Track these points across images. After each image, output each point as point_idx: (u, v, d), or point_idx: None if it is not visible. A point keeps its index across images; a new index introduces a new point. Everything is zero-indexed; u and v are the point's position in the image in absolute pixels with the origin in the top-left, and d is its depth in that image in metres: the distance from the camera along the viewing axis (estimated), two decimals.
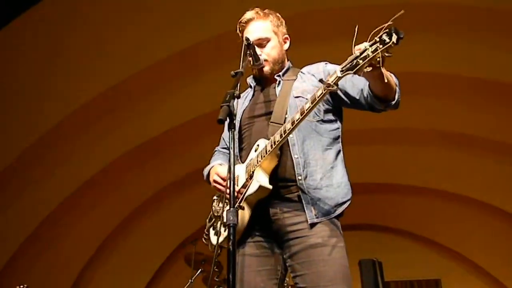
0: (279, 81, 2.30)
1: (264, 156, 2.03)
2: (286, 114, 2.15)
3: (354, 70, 1.75)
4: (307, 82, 2.26)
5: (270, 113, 2.20)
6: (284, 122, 2.10)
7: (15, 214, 5.50)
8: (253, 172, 2.05)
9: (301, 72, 2.34)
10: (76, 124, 5.33)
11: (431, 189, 6.95)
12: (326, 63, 2.32)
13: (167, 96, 5.46)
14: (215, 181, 2.20)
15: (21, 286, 3.47)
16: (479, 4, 4.57)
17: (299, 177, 2.06)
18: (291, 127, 1.96)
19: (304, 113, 1.93)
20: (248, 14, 2.34)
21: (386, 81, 1.86)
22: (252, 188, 2.02)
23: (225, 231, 2.05)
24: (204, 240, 2.30)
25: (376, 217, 8.10)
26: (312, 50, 5.05)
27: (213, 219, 2.25)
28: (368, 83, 2.03)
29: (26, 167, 5.37)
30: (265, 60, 2.28)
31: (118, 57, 4.98)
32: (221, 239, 2.09)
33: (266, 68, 2.29)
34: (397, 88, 2.01)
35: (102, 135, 5.62)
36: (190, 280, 4.95)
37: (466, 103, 5.58)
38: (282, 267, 2.11)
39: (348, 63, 1.78)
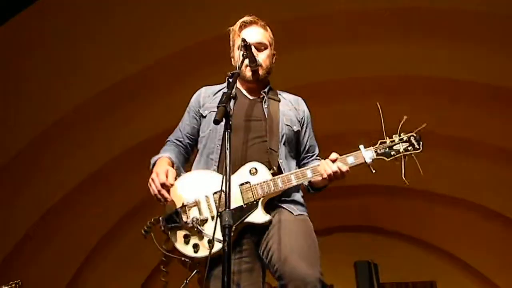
0: (265, 99, 2.34)
1: (273, 191, 2.11)
2: (279, 142, 2.24)
3: (388, 159, 2.19)
4: (292, 112, 2.38)
5: (260, 131, 2.23)
6: (278, 150, 2.21)
7: (11, 213, 5.47)
8: (256, 201, 2.10)
9: (281, 95, 2.42)
10: (69, 125, 5.31)
11: (426, 191, 6.96)
12: (302, 100, 2.48)
13: (161, 98, 5.46)
14: (153, 180, 2.11)
15: (14, 281, 3.44)
16: (484, 9, 4.58)
17: (277, 198, 2.18)
18: (313, 175, 2.14)
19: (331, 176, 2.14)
20: (250, 18, 2.39)
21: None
22: (259, 219, 2.10)
23: (209, 247, 2.00)
24: (143, 231, 2.16)
25: (372, 219, 8.11)
26: (311, 54, 5.11)
27: (180, 225, 2.13)
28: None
29: (21, 168, 5.35)
30: (260, 65, 2.31)
31: (110, 59, 4.96)
32: (203, 253, 2.06)
33: (260, 72, 2.32)
34: None
35: (101, 132, 5.59)
36: (185, 281, 4.94)
37: (465, 107, 5.60)
38: (261, 275, 2.16)
39: (382, 149, 2.19)
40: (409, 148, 2.20)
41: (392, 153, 2.19)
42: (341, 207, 7.45)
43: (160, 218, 2.16)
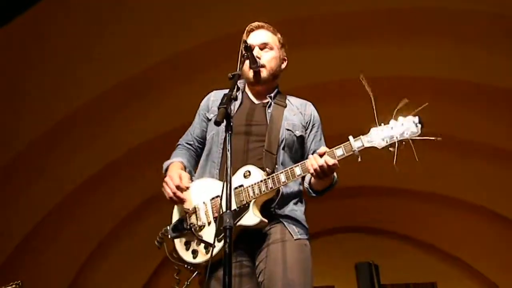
0: (270, 103, 2.33)
1: (264, 192, 2.07)
2: (278, 146, 2.21)
3: (381, 147, 1.96)
4: (297, 117, 2.34)
5: (259, 135, 2.23)
6: (277, 153, 2.18)
7: (13, 213, 5.48)
8: (247, 203, 2.08)
9: (289, 100, 2.40)
10: (71, 126, 5.31)
11: (427, 192, 6.96)
12: (311, 105, 2.43)
13: (164, 99, 5.47)
14: (166, 183, 2.17)
15: (15, 282, 3.44)
16: (484, 9, 4.59)
17: (277, 206, 2.15)
18: (301, 174, 2.06)
19: (318, 171, 2.03)
20: (259, 23, 2.41)
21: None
22: (250, 221, 2.06)
23: (207, 252, 2.09)
24: (156, 242, 2.26)
25: (373, 221, 8.11)
26: (310, 55, 5.11)
27: (183, 232, 2.20)
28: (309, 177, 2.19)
29: (22, 169, 5.36)
30: (263, 66, 2.30)
31: (112, 60, 4.97)
32: (201, 258, 2.11)
33: (264, 73, 2.30)
34: (333, 181, 2.20)
35: (103, 133, 5.58)
36: (186, 282, 4.94)
37: (467, 109, 5.59)
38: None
39: (374, 136, 1.97)
40: (405, 133, 1.94)
41: (386, 140, 1.96)
42: (342, 208, 7.45)
43: (168, 227, 2.25)
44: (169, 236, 2.23)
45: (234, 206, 2.07)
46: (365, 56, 5.05)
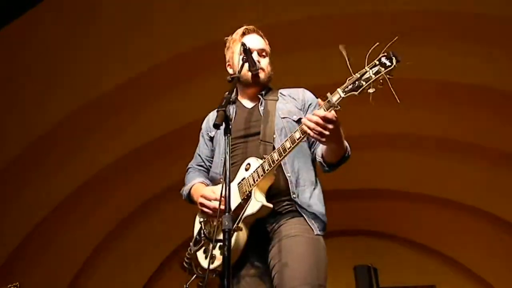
0: (262, 101, 2.35)
1: (261, 175, 2.05)
2: (274, 134, 2.20)
3: (358, 92, 1.83)
4: (290, 104, 2.35)
5: (257, 133, 2.24)
6: (273, 141, 2.17)
7: (13, 214, 5.48)
8: (249, 192, 2.07)
9: (281, 93, 2.42)
10: (65, 131, 5.32)
11: (426, 195, 6.96)
12: (304, 90, 2.43)
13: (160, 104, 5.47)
14: (202, 205, 2.20)
15: (13, 284, 3.44)
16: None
17: (294, 195, 2.13)
18: (292, 146, 1.99)
19: (305, 133, 1.96)
20: (251, 26, 2.44)
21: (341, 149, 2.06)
22: (253, 208, 2.04)
23: (220, 254, 2.06)
24: (185, 264, 2.28)
25: (372, 223, 8.10)
26: (311, 57, 5.12)
27: (201, 242, 2.23)
28: (321, 149, 2.15)
29: (21, 169, 5.36)
30: (261, 69, 2.34)
31: (104, 66, 4.98)
32: (217, 263, 2.10)
33: (262, 76, 2.34)
34: (346, 153, 2.13)
35: (99, 137, 5.60)
36: (185, 286, 4.93)
37: (468, 111, 5.58)
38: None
39: (350, 84, 1.85)
40: (381, 69, 1.81)
41: (362, 83, 1.83)
42: (341, 211, 7.44)
43: (190, 243, 2.28)
44: (192, 251, 2.25)
45: (239, 200, 2.09)
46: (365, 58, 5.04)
